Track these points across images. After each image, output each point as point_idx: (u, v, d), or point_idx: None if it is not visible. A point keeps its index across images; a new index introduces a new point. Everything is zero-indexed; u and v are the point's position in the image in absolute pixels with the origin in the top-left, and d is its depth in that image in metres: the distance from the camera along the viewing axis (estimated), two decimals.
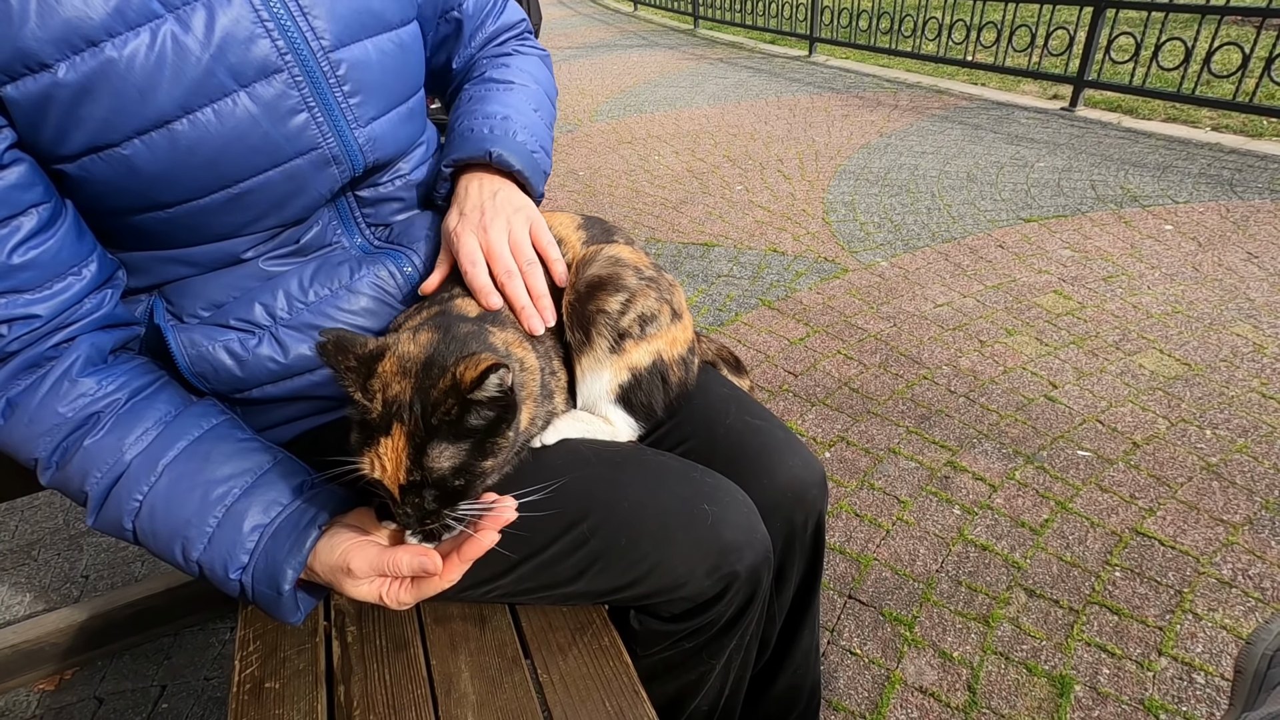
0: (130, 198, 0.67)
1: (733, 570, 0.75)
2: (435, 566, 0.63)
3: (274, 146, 0.69)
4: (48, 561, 1.67)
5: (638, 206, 3.51)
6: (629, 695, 0.72)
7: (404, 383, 0.62)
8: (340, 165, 0.76)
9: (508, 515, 0.66)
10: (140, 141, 0.63)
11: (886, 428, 1.92)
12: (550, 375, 0.78)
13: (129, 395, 0.69)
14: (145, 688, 1.39)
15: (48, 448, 0.66)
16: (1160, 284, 2.54)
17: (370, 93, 0.76)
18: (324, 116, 0.72)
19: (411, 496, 0.62)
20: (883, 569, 1.52)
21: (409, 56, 0.82)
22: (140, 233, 0.72)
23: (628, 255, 0.84)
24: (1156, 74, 4.21)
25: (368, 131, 0.77)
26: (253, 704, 0.73)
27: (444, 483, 0.62)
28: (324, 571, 0.67)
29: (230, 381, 0.78)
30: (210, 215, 0.71)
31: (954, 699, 1.27)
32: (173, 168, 0.65)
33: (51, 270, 0.66)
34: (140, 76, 0.61)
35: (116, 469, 0.66)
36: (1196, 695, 1.25)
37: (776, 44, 7.48)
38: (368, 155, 0.78)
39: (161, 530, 0.67)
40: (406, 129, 0.84)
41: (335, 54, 0.71)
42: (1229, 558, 1.49)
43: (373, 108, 0.77)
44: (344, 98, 0.73)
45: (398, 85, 0.80)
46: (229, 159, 0.67)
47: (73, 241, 0.67)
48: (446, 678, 0.74)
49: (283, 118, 0.69)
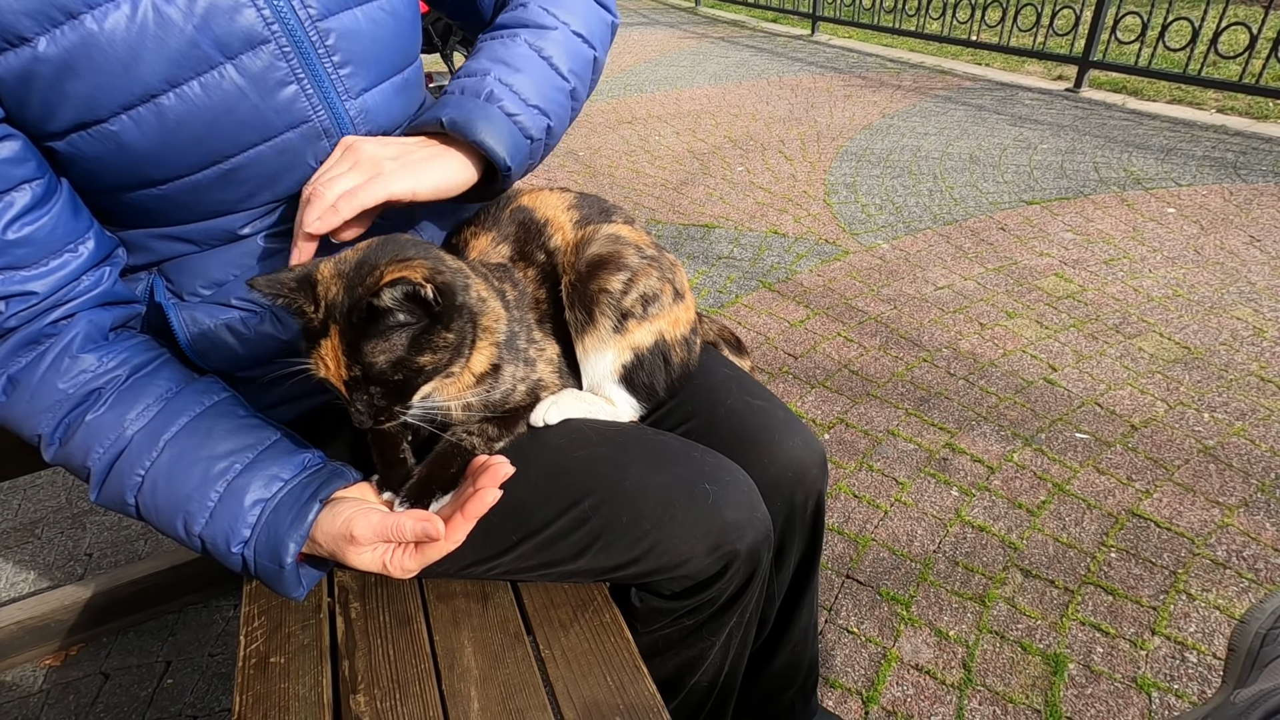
0: (122, 175, 0.67)
1: (733, 549, 0.75)
2: (438, 531, 0.64)
3: (264, 120, 0.68)
4: (51, 540, 1.68)
5: (638, 187, 3.49)
6: (630, 670, 0.73)
7: (338, 284, 0.63)
8: (332, 138, 0.74)
9: (505, 470, 0.67)
10: (127, 117, 0.62)
11: (886, 410, 1.93)
12: (528, 341, 0.78)
13: (130, 371, 0.69)
14: (150, 663, 1.41)
15: (50, 424, 0.67)
16: (1161, 267, 2.53)
17: (361, 63, 0.73)
18: (314, 88, 0.70)
19: (359, 394, 0.64)
20: (880, 549, 1.53)
21: (402, 25, 0.78)
22: (135, 210, 0.71)
23: (628, 233, 0.83)
24: (1162, 54, 4.17)
25: (359, 103, 0.74)
26: (258, 678, 0.74)
27: (384, 378, 0.63)
28: (326, 541, 0.67)
29: (232, 359, 0.78)
30: (203, 192, 0.70)
31: (949, 676, 1.28)
32: (162, 144, 0.64)
33: (47, 247, 0.65)
34: (122, 49, 0.60)
35: (119, 444, 0.67)
36: (1188, 674, 1.26)
37: (779, 23, 7.39)
38: (359, 128, 0.75)
39: (164, 505, 0.67)
40: (400, 100, 0.81)
41: (324, 23, 0.69)
42: (1224, 539, 1.50)
43: (364, 78, 0.74)
44: (334, 68, 0.71)
45: (390, 55, 0.77)
46: (218, 133, 0.66)
47: (69, 218, 0.67)
48: (450, 653, 0.75)
49: (271, 90, 0.67)
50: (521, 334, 0.77)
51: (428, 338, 0.64)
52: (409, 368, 0.64)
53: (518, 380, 0.76)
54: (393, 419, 0.66)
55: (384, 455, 0.76)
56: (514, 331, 0.76)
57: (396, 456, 0.76)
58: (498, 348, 0.73)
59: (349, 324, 0.62)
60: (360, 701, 0.71)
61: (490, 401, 0.75)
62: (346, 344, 0.62)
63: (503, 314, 0.74)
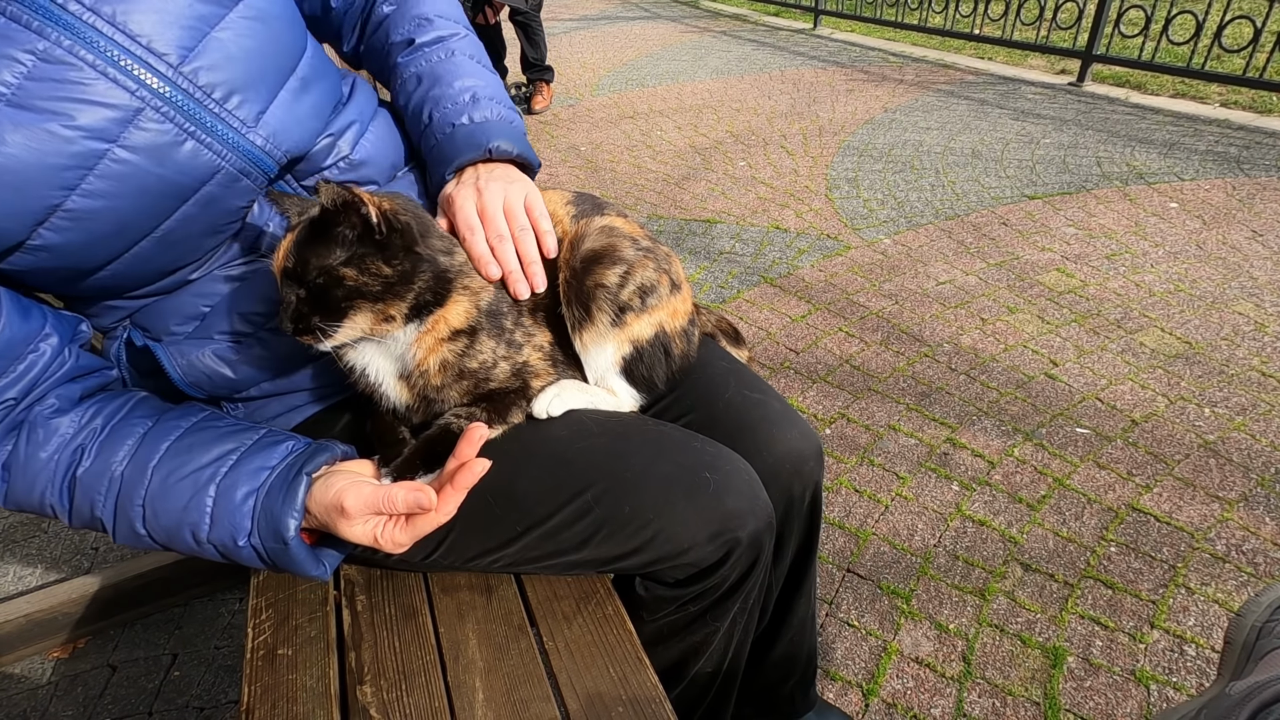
0: (64, 273, 0.68)
1: (735, 536, 0.76)
2: (430, 501, 0.65)
3: (173, 185, 0.66)
4: (58, 534, 1.69)
5: (640, 182, 3.49)
6: (632, 662, 0.74)
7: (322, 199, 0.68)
8: (251, 175, 0.71)
9: (484, 433, 0.69)
10: (45, 229, 0.62)
11: (887, 405, 1.93)
12: (515, 324, 0.79)
13: (105, 421, 0.71)
14: (157, 656, 1.42)
15: (54, 493, 0.69)
16: (1164, 262, 2.53)
17: (247, 87, 0.69)
18: (209, 135, 0.67)
19: (289, 290, 0.68)
20: (881, 544, 1.54)
21: (275, 27, 0.73)
22: (89, 289, 0.72)
23: (621, 225, 0.84)
24: (1166, 48, 4.15)
25: (261, 129, 0.71)
26: (266, 669, 0.75)
27: (305, 276, 0.67)
28: (320, 512, 0.68)
29: (226, 385, 0.81)
30: (148, 260, 0.71)
31: (949, 669, 1.29)
32: (88, 238, 0.64)
33: (9, 357, 0.67)
34: (7, 175, 0.58)
35: (114, 487, 0.69)
36: (1187, 666, 1.27)
37: (780, 16, 7.36)
38: (275, 153, 0.72)
39: (169, 525, 0.69)
40: (307, 103, 0.76)
41: (186, 66, 0.65)
42: (1223, 533, 1.51)
43: (256, 101, 0.70)
44: (218, 106, 0.67)
45: (275, 62, 0.73)
46: (137, 211, 0.65)
47: (19, 323, 0.68)
48: (454, 644, 0.76)
49: (167, 154, 0.65)
50: (509, 315, 0.78)
51: (363, 261, 0.68)
52: (331, 275, 0.67)
53: (499, 356, 0.77)
54: (310, 332, 0.68)
55: (382, 438, 0.78)
56: (500, 309, 0.77)
57: (395, 438, 0.78)
58: (477, 310, 0.75)
59: (307, 224, 0.68)
60: (367, 692, 0.72)
61: (466, 369, 0.75)
62: (297, 239, 0.68)
63: (489, 285, 0.76)
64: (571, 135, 4.21)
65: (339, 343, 0.70)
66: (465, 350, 0.75)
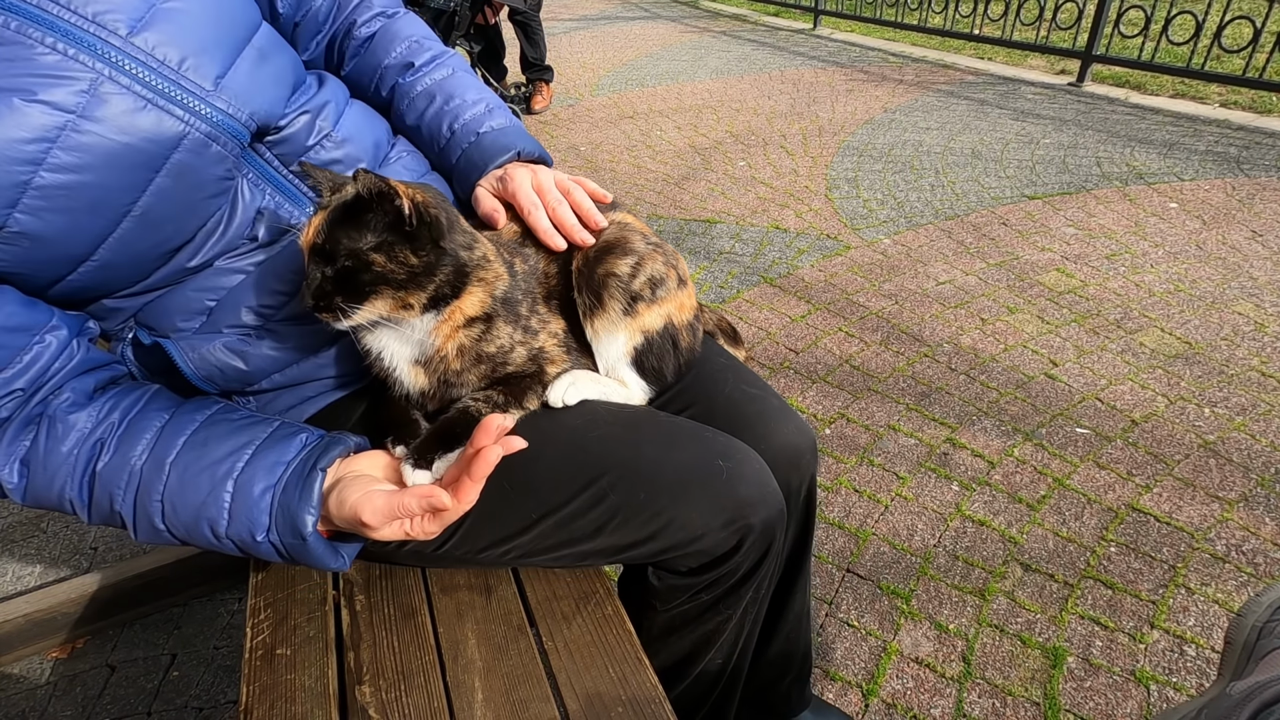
0: (52, 264, 0.67)
1: (748, 523, 0.77)
2: (442, 503, 0.65)
3: (141, 154, 0.66)
4: (57, 534, 1.69)
5: (639, 182, 3.49)
6: (631, 662, 0.73)
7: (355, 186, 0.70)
8: (220, 140, 0.71)
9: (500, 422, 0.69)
10: (19, 213, 0.61)
11: (887, 405, 1.93)
12: (530, 311, 0.80)
13: (122, 415, 0.71)
14: (156, 656, 1.42)
15: (73, 488, 0.69)
16: (1163, 262, 2.53)
17: (202, 50, 0.69)
18: (169, 102, 0.67)
19: (315, 266, 0.69)
20: (881, 544, 1.54)
21: None
22: (87, 288, 0.72)
23: (633, 220, 0.88)
24: (1166, 48, 4.15)
25: (223, 93, 0.70)
26: (265, 669, 0.75)
27: (334, 257, 0.68)
28: (342, 525, 0.70)
29: (239, 377, 0.80)
30: (134, 245, 0.70)
31: (949, 669, 1.29)
32: (68, 218, 0.64)
33: (14, 346, 0.67)
34: None
35: (133, 482, 0.69)
36: (1187, 667, 1.27)
37: (780, 16, 7.36)
38: (240, 116, 0.72)
39: (188, 520, 0.69)
40: (267, 72, 0.76)
41: (136, 36, 0.65)
42: (1223, 533, 1.51)
43: (214, 64, 0.70)
44: (174, 73, 0.67)
45: (227, 30, 0.73)
46: (110, 186, 0.65)
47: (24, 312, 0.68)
48: (454, 644, 0.76)
49: (131, 122, 0.65)
50: (524, 302, 0.80)
51: (391, 248, 0.69)
52: (359, 258, 0.68)
53: (515, 341, 0.78)
54: (330, 310, 0.69)
55: (395, 420, 0.79)
56: (515, 297, 0.79)
57: (408, 419, 0.79)
58: (491, 299, 0.76)
59: (340, 204, 0.69)
60: (365, 692, 0.72)
61: (484, 353, 0.76)
62: (329, 218, 0.69)
63: (505, 276, 0.78)
64: (571, 135, 4.21)
65: (356, 323, 0.71)
66: (482, 335, 0.76)
